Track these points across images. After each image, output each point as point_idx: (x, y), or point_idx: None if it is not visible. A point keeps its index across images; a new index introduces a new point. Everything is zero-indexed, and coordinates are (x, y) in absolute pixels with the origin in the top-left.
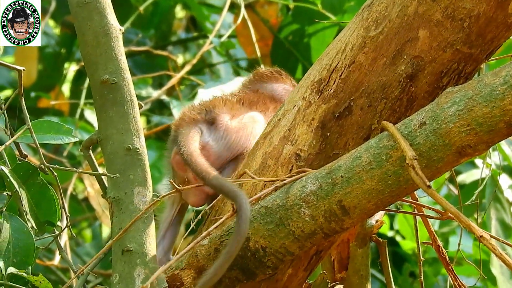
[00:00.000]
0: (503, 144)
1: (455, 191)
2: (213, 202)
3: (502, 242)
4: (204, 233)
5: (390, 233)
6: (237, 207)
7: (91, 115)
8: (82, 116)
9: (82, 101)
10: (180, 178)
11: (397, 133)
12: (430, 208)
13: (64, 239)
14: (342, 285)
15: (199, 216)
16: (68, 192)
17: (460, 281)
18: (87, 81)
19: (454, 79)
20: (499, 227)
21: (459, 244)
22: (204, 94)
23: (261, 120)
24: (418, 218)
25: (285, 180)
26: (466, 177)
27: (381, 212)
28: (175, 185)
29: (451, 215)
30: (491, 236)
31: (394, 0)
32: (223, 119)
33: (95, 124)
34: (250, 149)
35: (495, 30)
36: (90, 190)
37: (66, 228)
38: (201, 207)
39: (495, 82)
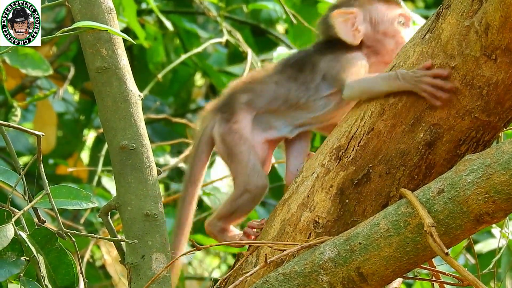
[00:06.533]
0: None
1: (472, 260)
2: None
3: None
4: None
5: None
6: None
7: (108, 182)
8: (99, 183)
9: (100, 168)
10: None
11: (415, 201)
12: (448, 275)
13: None
14: None
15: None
16: (85, 259)
17: None
18: (105, 147)
19: (473, 146)
20: None
21: None
22: (221, 161)
23: None
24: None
25: (303, 246)
26: (483, 246)
27: (399, 280)
28: (195, 244)
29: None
30: None
31: (412, 68)
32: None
33: (112, 191)
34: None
35: None
36: (106, 257)
37: None
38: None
39: None
